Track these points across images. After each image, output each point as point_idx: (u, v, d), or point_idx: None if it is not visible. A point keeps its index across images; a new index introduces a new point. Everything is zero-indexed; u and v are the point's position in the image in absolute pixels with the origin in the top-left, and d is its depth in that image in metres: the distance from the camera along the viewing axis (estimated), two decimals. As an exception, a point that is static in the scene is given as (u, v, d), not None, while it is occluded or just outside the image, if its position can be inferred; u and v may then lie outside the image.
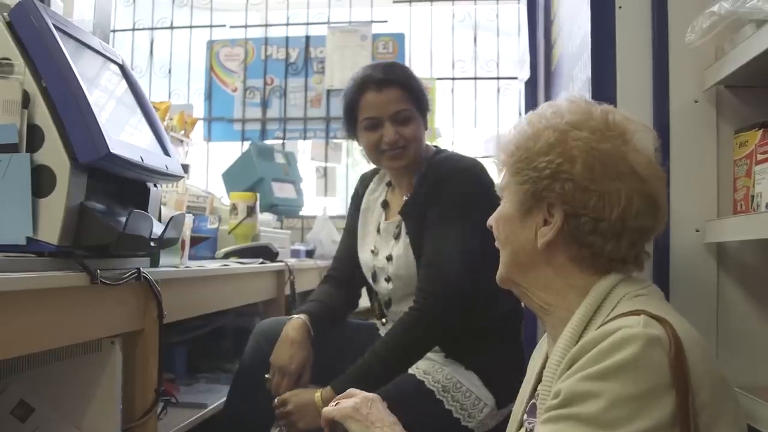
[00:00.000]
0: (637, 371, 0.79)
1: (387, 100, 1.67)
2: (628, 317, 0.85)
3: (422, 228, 1.67)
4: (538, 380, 1.03)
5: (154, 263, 1.43)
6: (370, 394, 1.18)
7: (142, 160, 1.19)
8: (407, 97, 1.69)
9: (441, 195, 1.65)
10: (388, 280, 1.77)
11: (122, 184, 1.26)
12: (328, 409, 1.18)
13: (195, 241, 1.93)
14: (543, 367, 1.02)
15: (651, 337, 0.81)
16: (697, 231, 1.37)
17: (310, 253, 3.12)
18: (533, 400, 1.03)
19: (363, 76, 1.70)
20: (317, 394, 1.55)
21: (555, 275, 0.99)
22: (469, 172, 1.69)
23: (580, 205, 0.95)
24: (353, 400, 1.17)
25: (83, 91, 1.08)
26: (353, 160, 3.87)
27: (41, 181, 1.06)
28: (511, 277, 1.05)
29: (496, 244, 1.07)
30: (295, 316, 1.73)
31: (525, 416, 1.05)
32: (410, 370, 1.61)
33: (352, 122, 1.74)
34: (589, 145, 0.95)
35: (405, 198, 1.76)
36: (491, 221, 1.08)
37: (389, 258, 1.75)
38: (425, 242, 1.65)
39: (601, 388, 0.80)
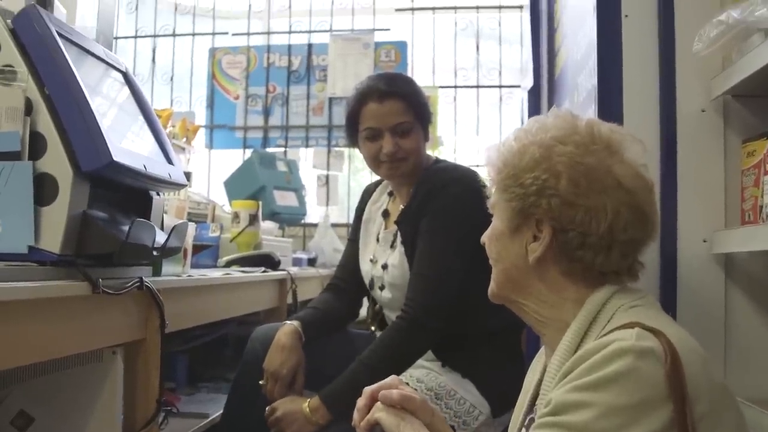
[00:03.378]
0: (629, 383, 0.79)
1: (388, 111, 1.68)
2: (622, 330, 0.85)
3: (415, 237, 1.67)
4: (536, 394, 1.02)
5: (156, 272, 1.42)
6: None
7: (145, 168, 1.18)
8: (408, 110, 1.70)
9: (432, 205, 1.66)
10: (382, 288, 1.78)
11: (125, 193, 1.24)
12: (373, 416, 1.06)
13: (197, 249, 1.93)
14: (541, 380, 1.01)
15: (643, 349, 0.80)
16: (705, 241, 1.36)
17: (312, 262, 3.11)
18: (531, 414, 1.02)
19: (366, 87, 1.72)
20: (305, 403, 1.57)
21: (548, 290, 0.99)
22: (462, 182, 1.69)
23: (567, 220, 0.94)
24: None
25: (86, 99, 1.07)
26: (355, 168, 3.86)
27: (43, 189, 1.04)
28: (504, 294, 1.04)
29: (490, 261, 1.06)
30: (288, 322, 1.74)
31: (523, 431, 1.04)
32: (403, 379, 1.60)
33: (354, 131, 1.76)
34: (573, 160, 0.94)
35: (401, 207, 1.76)
36: (484, 238, 1.07)
37: (384, 267, 1.76)
38: (416, 251, 1.66)
39: (591, 398, 0.80)
